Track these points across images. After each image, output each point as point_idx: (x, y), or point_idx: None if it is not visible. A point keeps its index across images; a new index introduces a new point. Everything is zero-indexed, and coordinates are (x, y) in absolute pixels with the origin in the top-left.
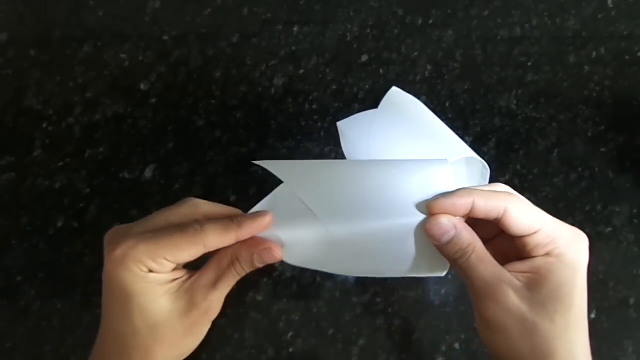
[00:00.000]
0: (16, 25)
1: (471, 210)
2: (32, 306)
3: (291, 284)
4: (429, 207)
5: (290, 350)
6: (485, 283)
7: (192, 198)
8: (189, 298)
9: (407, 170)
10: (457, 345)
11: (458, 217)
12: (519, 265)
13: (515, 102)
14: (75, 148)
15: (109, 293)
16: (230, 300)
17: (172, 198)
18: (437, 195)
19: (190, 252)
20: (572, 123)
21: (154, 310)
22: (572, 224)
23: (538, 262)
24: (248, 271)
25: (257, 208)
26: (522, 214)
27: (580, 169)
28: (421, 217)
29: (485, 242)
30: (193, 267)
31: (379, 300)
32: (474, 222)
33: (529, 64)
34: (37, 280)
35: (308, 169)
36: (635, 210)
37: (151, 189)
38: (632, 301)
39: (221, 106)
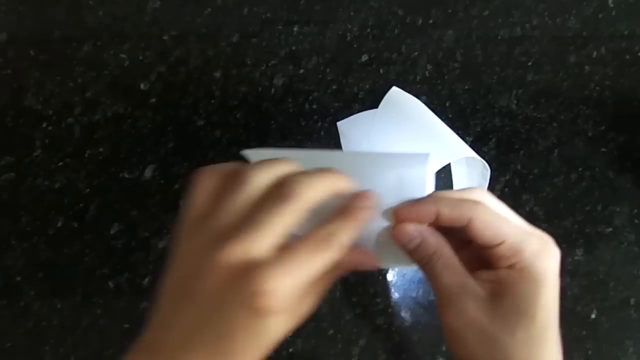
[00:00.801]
0: (16, 25)
1: (436, 219)
2: (31, 306)
3: None
4: (394, 215)
5: (290, 350)
6: (448, 292)
7: (291, 179)
8: (291, 311)
9: (383, 166)
10: None
11: (427, 228)
12: (485, 274)
13: (515, 102)
14: (75, 148)
15: (230, 329)
16: None
17: (172, 198)
18: (402, 203)
19: (325, 269)
20: (572, 123)
21: (275, 337)
22: (572, 224)
23: (501, 273)
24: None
25: None
26: (486, 224)
27: (580, 169)
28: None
29: (462, 246)
30: None
31: (379, 300)
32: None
33: (529, 63)
34: (37, 280)
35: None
36: (635, 210)
37: (151, 189)
38: (632, 301)
39: (221, 106)
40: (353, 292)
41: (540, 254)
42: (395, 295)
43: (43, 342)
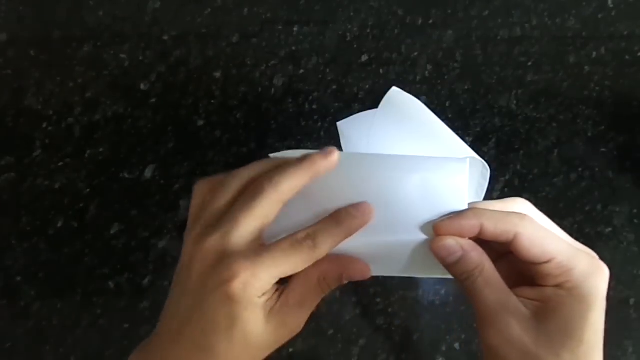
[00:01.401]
0: (16, 25)
1: (479, 233)
2: (32, 306)
3: None
4: (435, 229)
5: (290, 350)
6: (489, 309)
7: (266, 160)
8: (280, 319)
9: (420, 171)
10: (457, 345)
11: (469, 241)
12: (528, 292)
13: (515, 102)
14: (75, 148)
15: (209, 318)
16: None
17: (172, 198)
18: (444, 217)
19: (302, 268)
20: (572, 123)
21: (254, 333)
22: (572, 224)
23: (548, 292)
24: (334, 288)
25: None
26: (533, 241)
27: (580, 169)
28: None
29: (500, 257)
30: None
31: (379, 300)
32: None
33: (529, 64)
34: (37, 280)
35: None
36: (635, 210)
37: (151, 189)
38: (632, 301)
39: (221, 106)
40: (353, 292)
41: (591, 274)
42: (395, 295)
43: (43, 342)
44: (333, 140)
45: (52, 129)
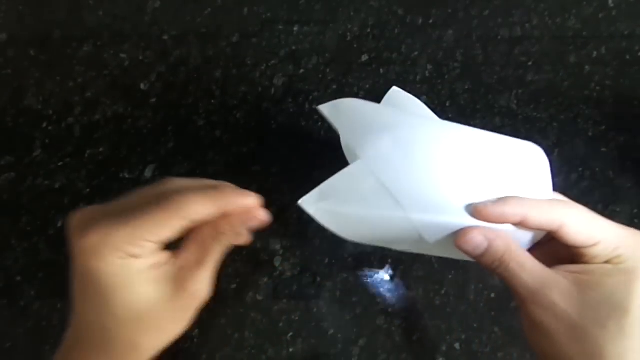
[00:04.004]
0: (16, 24)
1: (522, 222)
2: (32, 306)
3: (291, 284)
4: (474, 212)
5: (290, 350)
6: (530, 290)
7: (170, 177)
8: (175, 283)
9: (507, 152)
10: (457, 345)
11: (490, 229)
12: (570, 266)
13: (515, 101)
14: (75, 148)
15: (82, 287)
16: (230, 300)
17: None
18: (486, 201)
19: (171, 227)
20: (572, 123)
21: (139, 301)
22: None
23: (592, 266)
24: (234, 243)
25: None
26: (580, 227)
27: (580, 169)
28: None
29: (536, 245)
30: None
31: (379, 301)
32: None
33: (530, 63)
34: (37, 280)
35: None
36: (635, 210)
37: None
38: None
39: (221, 106)
40: (353, 292)
41: (637, 249)
42: (395, 295)
43: (43, 342)
44: (333, 140)
45: (52, 128)
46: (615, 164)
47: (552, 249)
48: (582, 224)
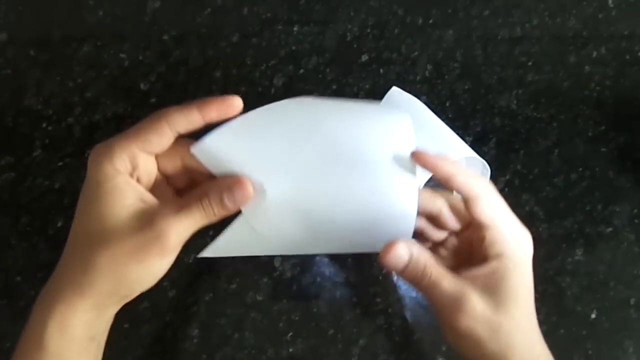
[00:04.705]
0: (15, 24)
1: (448, 180)
2: (32, 306)
3: (291, 284)
4: (415, 156)
5: (290, 350)
6: (451, 297)
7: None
8: (146, 217)
9: (368, 118)
10: None
11: (412, 241)
12: (476, 271)
13: (515, 101)
14: (75, 148)
15: (82, 194)
16: (230, 300)
17: None
18: (427, 151)
19: (158, 131)
20: (572, 123)
21: (109, 216)
22: (572, 224)
23: (493, 264)
24: (217, 211)
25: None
26: (491, 206)
27: (580, 169)
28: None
29: (439, 244)
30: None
31: (379, 300)
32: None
33: (529, 63)
34: (37, 280)
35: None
36: (635, 210)
37: None
38: (632, 301)
39: None
40: (353, 292)
41: (522, 241)
42: (395, 295)
43: None
44: None
45: (52, 129)
46: (615, 164)
47: (454, 248)
48: (493, 204)
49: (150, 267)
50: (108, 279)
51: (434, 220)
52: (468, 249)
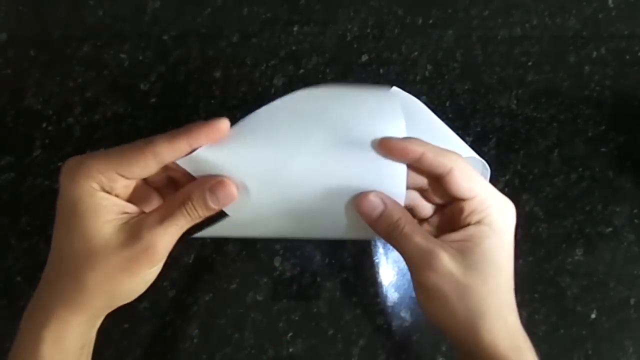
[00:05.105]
0: (15, 24)
1: (419, 160)
2: None
3: (291, 284)
4: (380, 144)
5: (290, 350)
6: (422, 251)
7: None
8: (132, 230)
9: (354, 104)
10: None
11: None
12: (453, 235)
13: (515, 102)
14: (75, 148)
15: (58, 211)
16: (230, 300)
17: None
18: (391, 137)
19: (141, 163)
20: (572, 123)
21: (94, 234)
22: (572, 224)
23: (471, 230)
24: (201, 214)
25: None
26: (464, 176)
27: (580, 169)
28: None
29: (423, 220)
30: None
31: (379, 300)
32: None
33: (529, 63)
34: (37, 280)
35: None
36: (635, 210)
37: None
38: (632, 301)
39: (221, 106)
40: (353, 292)
41: (504, 210)
42: (395, 295)
43: None
44: None
45: (52, 128)
46: (615, 164)
47: (436, 224)
48: (466, 175)
49: (141, 278)
50: (101, 296)
51: (422, 192)
52: (450, 224)
